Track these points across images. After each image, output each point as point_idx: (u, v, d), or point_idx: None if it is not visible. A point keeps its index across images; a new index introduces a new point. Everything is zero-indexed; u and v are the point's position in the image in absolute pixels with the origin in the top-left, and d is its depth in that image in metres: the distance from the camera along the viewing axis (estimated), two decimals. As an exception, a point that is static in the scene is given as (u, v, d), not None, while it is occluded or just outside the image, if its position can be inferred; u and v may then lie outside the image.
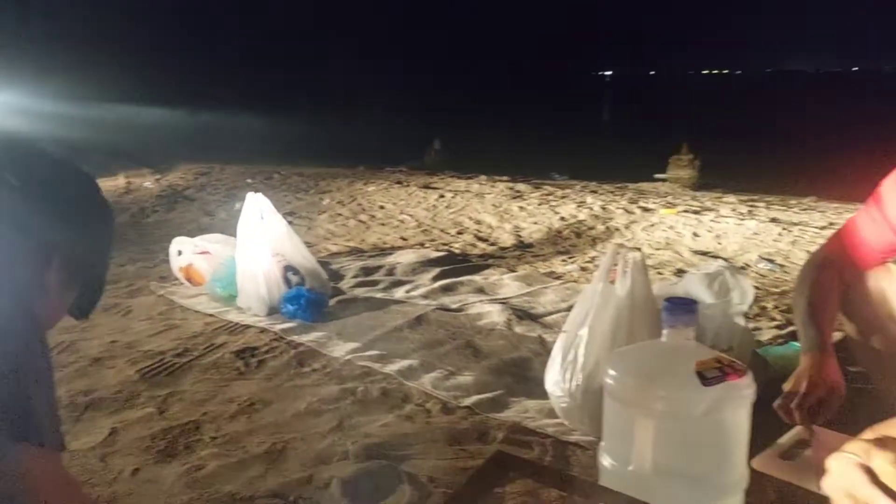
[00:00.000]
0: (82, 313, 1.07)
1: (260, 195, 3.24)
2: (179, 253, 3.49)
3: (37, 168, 0.96)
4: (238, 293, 3.16)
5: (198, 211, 5.95)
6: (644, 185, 8.29)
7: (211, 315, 3.12)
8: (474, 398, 2.23)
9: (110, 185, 7.19)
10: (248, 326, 2.96)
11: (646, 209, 5.64)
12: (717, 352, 1.47)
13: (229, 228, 4.46)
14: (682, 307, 1.40)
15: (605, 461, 1.48)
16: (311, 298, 3.00)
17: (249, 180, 7.27)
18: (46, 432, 0.82)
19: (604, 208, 5.62)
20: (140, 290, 3.53)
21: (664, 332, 1.43)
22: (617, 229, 4.91)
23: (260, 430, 2.09)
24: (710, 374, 1.37)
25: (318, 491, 1.76)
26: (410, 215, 5.52)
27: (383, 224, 5.27)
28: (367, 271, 3.85)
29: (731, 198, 6.60)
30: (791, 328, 2.88)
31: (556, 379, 2.02)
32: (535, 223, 5.09)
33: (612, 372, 1.46)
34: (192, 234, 3.74)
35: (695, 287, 2.28)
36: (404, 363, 2.51)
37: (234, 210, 5.86)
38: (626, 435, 1.42)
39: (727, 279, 2.23)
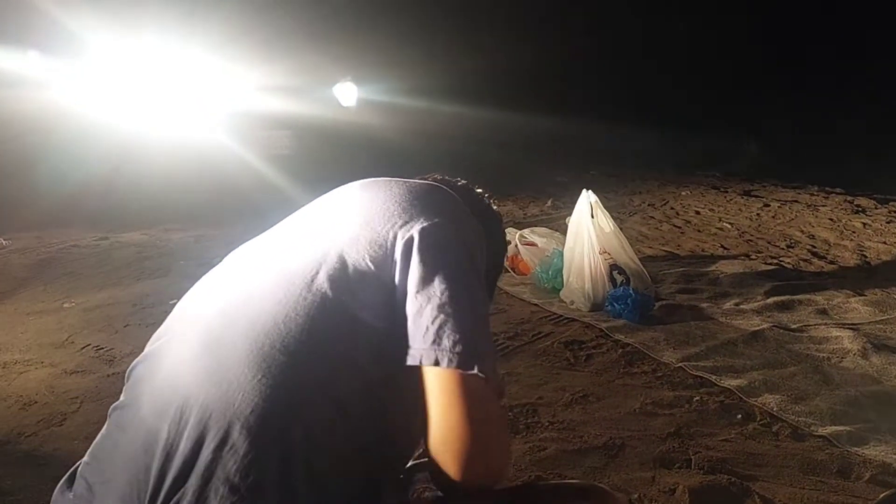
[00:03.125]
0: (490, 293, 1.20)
1: (590, 192, 3.29)
2: (509, 242, 3.69)
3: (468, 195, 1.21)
4: (562, 286, 3.25)
5: (510, 204, 6.24)
6: None
7: (535, 305, 3.25)
8: (831, 428, 2.03)
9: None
10: (572, 320, 3.03)
11: None
12: None
13: (542, 223, 4.62)
14: None
15: None
16: (637, 299, 2.98)
17: (559, 178, 7.44)
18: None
19: (974, 232, 4.74)
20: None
21: None
22: None
23: (595, 422, 2.12)
24: None
25: (663, 494, 1.73)
26: (731, 223, 5.20)
27: (700, 230, 5.04)
28: (688, 278, 3.71)
29: None
30: None
31: (947, 423, 1.75)
32: (884, 243, 4.47)
33: None
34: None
35: None
36: (743, 379, 2.37)
37: (545, 206, 6.06)
38: None
39: None
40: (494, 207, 1.22)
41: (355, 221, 0.95)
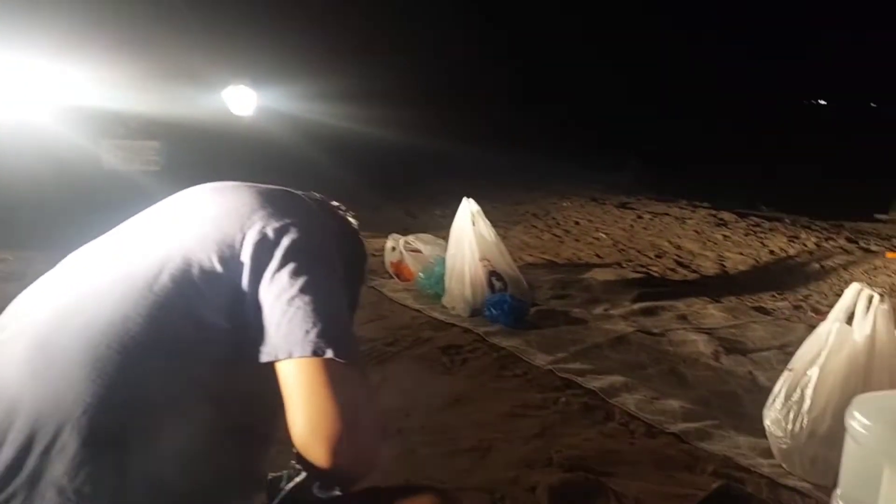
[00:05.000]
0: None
1: (472, 201, 3.37)
2: (393, 249, 3.72)
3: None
4: (444, 293, 3.32)
5: (400, 211, 6.28)
6: (863, 225, 7.55)
7: (417, 310, 3.29)
8: (681, 426, 2.18)
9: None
10: (451, 325, 3.09)
11: (867, 250, 5.16)
12: None
13: (431, 230, 4.66)
14: (954, 358, 1.29)
15: (843, 511, 1.39)
16: (513, 305, 3.08)
17: (452, 188, 7.54)
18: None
19: (818, 245, 5.20)
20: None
21: (927, 383, 1.32)
22: (833, 269, 4.53)
23: (466, 426, 2.18)
24: (981, 436, 1.25)
25: (524, 493, 1.80)
26: (606, 233, 5.46)
27: (577, 240, 5.26)
28: (563, 285, 3.87)
29: (974, 247, 5.85)
30: None
31: (777, 418, 1.92)
32: (741, 254, 4.83)
33: (859, 417, 1.37)
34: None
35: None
36: (606, 381, 2.50)
37: (434, 214, 6.13)
38: (869, 485, 1.33)
39: None
40: (352, 221, 1.22)
41: (203, 222, 0.94)
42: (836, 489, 1.45)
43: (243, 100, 4.92)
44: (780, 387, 1.97)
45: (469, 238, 3.27)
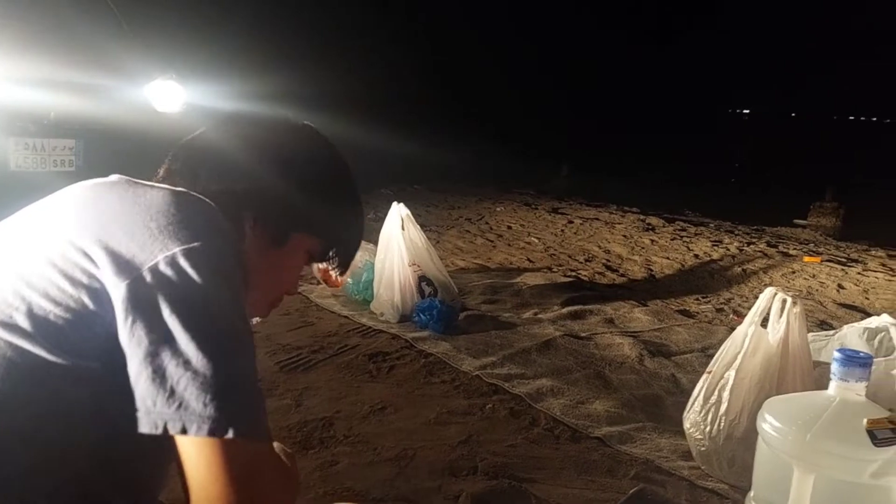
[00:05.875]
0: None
1: (402, 205, 3.34)
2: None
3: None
4: (373, 298, 3.27)
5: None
6: (783, 230, 7.86)
7: (345, 317, 3.23)
8: (605, 429, 2.19)
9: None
10: (380, 331, 3.04)
11: (786, 254, 5.36)
12: (889, 411, 1.37)
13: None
14: (857, 361, 1.32)
15: (755, 512, 1.41)
16: (443, 311, 3.05)
17: (384, 191, 7.49)
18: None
19: (740, 250, 5.38)
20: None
21: (832, 384, 1.36)
22: (754, 273, 4.68)
23: (390, 434, 2.14)
24: (883, 435, 1.28)
25: (447, 502, 1.77)
26: (538, 238, 5.51)
27: (510, 244, 5.28)
28: (494, 290, 3.87)
29: (880, 251, 6.14)
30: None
31: (696, 421, 1.95)
32: (667, 258, 4.95)
33: (770, 419, 1.39)
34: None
35: (853, 341, 2.15)
36: (532, 385, 2.50)
37: (366, 218, 6.07)
38: (780, 486, 1.35)
39: (892, 335, 2.08)
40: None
41: (64, 247, 0.75)
42: (750, 491, 1.47)
43: (169, 96, 4.44)
44: (699, 389, 2.00)
45: (398, 243, 3.23)
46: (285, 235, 0.94)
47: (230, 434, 0.70)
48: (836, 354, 1.34)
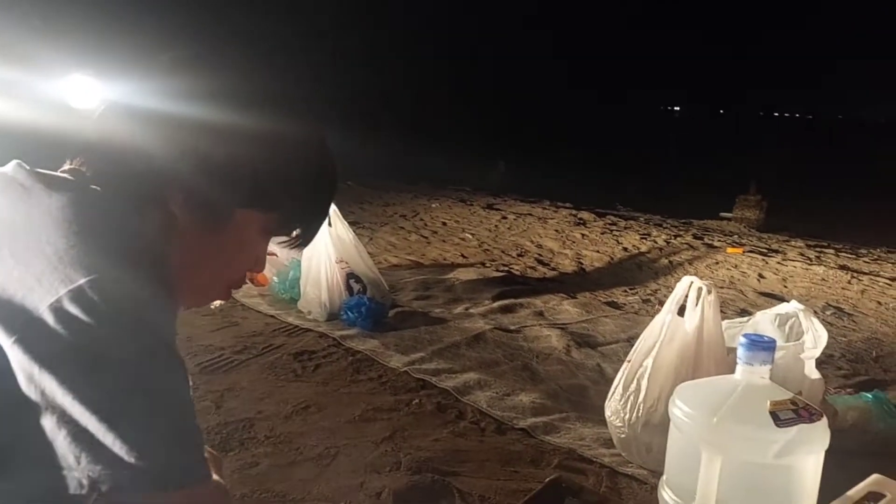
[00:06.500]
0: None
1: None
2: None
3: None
4: (300, 297, 3.21)
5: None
6: (709, 223, 8.11)
7: (272, 316, 3.17)
8: (530, 421, 2.20)
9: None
10: (307, 330, 2.99)
11: (711, 246, 5.51)
12: (791, 393, 1.41)
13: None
14: (760, 345, 1.36)
15: (667, 495, 1.43)
16: (371, 308, 3.02)
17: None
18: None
19: (668, 242, 5.51)
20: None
21: (739, 368, 1.39)
22: (680, 264, 4.80)
23: (313, 433, 2.10)
24: (785, 416, 1.32)
25: (369, 499, 1.75)
26: (472, 234, 5.52)
27: (444, 240, 5.28)
28: (427, 286, 3.85)
29: (799, 242, 6.40)
30: (859, 378, 2.76)
31: (616, 409, 1.98)
32: (597, 251, 5.03)
33: (680, 404, 1.42)
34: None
35: (765, 327, 2.21)
36: (460, 379, 2.50)
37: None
38: (691, 470, 1.38)
39: (801, 321, 2.15)
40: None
41: None
42: (662, 475, 1.49)
43: (85, 92, 4.25)
44: (619, 378, 2.03)
45: (325, 240, 3.18)
46: (226, 213, 0.80)
47: (168, 490, 0.65)
48: (742, 340, 1.38)
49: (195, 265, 0.81)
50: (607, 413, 2.02)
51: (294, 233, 0.90)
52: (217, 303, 0.91)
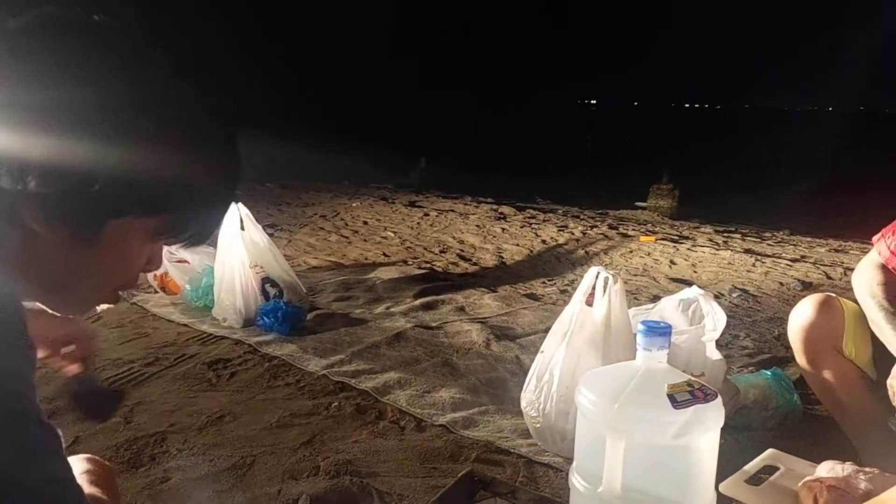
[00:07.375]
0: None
1: (240, 205, 3.22)
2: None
3: None
4: (214, 304, 3.13)
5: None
6: (625, 213, 8.35)
7: (184, 325, 3.08)
8: (449, 416, 2.22)
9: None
10: (222, 338, 2.92)
11: (625, 235, 5.68)
12: (688, 376, 1.47)
13: (214, 238, 4.41)
14: (657, 330, 1.40)
15: (576, 482, 1.47)
16: (287, 312, 2.98)
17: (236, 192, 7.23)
18: None
19: (584, 233, 5.65)
20: (114, 297, 3.48)
21: (638, 354, 1.44)
22: (596, 254, 4.93)
23: (228, 443, 2.06)
24: (681, 398, 1.37)
25: (286, 506, 1.73)
26: (394, 232, 5.51)
27: (365, 240, 5.25)
28: (347, 287, 3.83)
29: (708, 228, 6.68)
30: (762, 356, 2.90)
31: (531, 399, 2.02)
32: (517, 245, 5.10)
33: (585, 392, 1.45)
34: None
35: (669, 312, 2.29)
36: (380, 380, 2.49)
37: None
38: (596, 456, 1.42)
39: (701, 305, 2.24)
40: None
41: None
42: (573, 462, 1.53)
43: None
44: (534, 369, 2.07)
45: (238, 244, 3.11)
46: (96, 227, 0.71)
47: None
48: (640, 326, 1.42)
49: (71, 280, 0.75)
50: (523, 404, 2.06)
51: (187, 235, 0.80)
52: (103, 306, 0.83)
